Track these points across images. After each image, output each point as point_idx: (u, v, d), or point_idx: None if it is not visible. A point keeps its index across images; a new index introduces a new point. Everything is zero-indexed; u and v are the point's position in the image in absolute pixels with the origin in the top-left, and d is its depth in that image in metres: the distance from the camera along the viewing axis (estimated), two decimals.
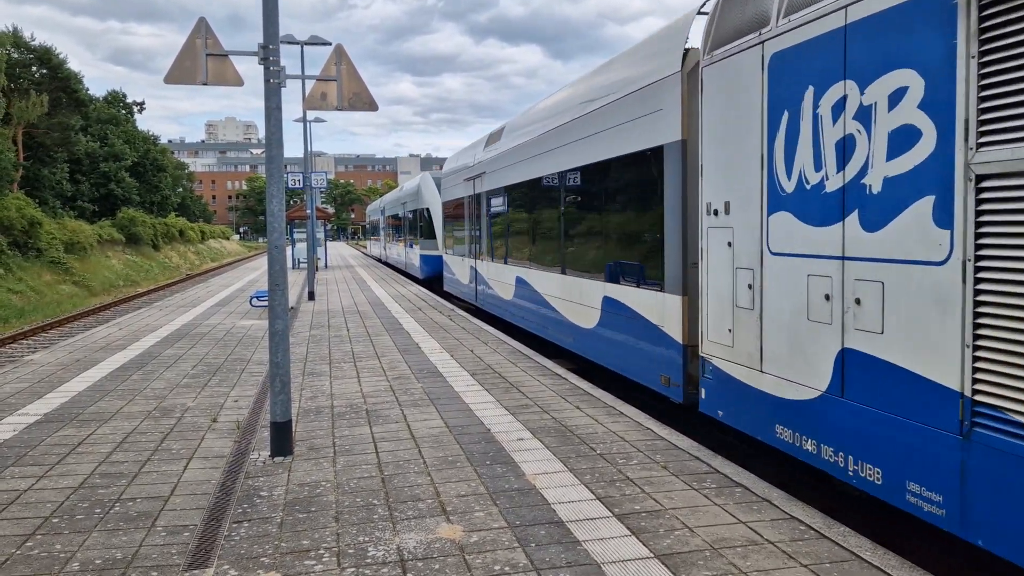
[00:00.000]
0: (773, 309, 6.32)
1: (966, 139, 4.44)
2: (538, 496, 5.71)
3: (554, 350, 13.26)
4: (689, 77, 7.95)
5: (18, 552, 4.83)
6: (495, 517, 5.31)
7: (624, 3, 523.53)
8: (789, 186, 6.06)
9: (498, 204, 16.58)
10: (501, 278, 16.42)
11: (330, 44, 6.80)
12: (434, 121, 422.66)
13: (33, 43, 51.72)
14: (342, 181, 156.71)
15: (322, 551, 4.80)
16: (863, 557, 4.61)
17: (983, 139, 4.35)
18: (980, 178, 4.37)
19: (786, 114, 6.09)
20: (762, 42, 6.40)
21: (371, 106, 7.38)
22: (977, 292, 4.41)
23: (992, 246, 4.31)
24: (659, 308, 8.60)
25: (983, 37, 4.31)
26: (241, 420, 8.15)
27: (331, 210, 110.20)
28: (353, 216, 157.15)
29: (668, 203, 8.35)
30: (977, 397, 4.40)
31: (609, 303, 10.14)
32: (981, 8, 4.31)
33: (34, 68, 52.20)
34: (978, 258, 4.38)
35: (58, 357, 12.50)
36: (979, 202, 4.37)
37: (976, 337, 4.41)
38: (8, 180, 41.28)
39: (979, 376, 4.40)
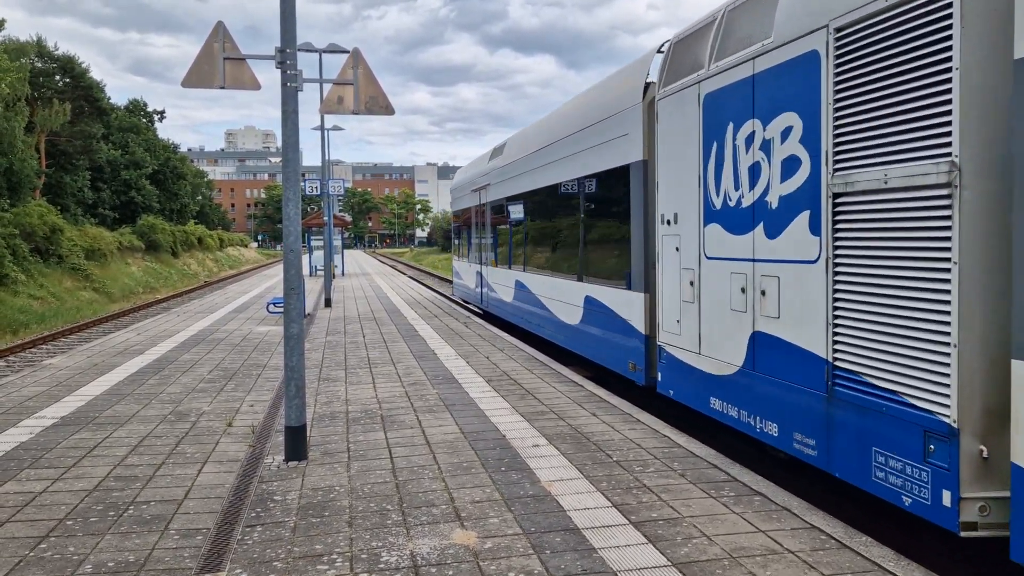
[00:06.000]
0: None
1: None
2: (553, 503, 5.64)
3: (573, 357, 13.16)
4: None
5: (31, 554, 4.82)
6: (510, 523, 5.24)
7: (637, 15, 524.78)
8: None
9: None
10: None
11: (347, 52, 6.82)
12: (449, 130, 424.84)
13: (56, 52, 52.40)
14: (359, 190, 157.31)
15: (335, 556, 4.75)
16: (886, 568, 4.50)
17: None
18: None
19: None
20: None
21: (387, 110, 7.36)
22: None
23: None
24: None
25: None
26: (256, 424, 8.13)
27: (348, 218, 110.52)
28: (371, 224, 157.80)
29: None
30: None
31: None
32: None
33: (57, 77, 52.88)
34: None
35: (76, 361, 12.57)
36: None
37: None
38: (31, 187, 41.79)
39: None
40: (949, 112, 4.59)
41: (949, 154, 4.60)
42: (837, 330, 5.59)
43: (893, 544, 5.70)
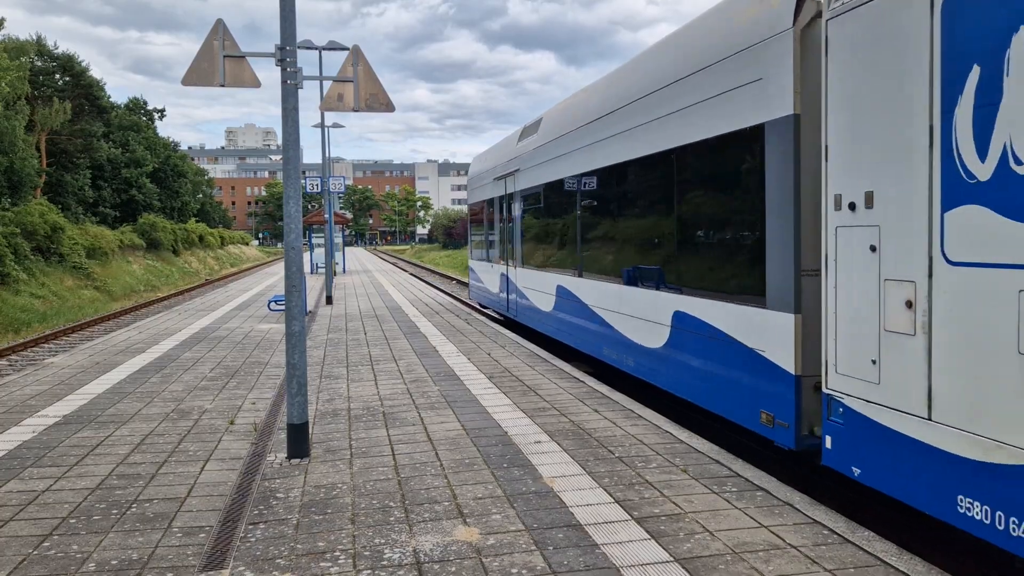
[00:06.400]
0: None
1: None
2: (556, 499, 5.65)
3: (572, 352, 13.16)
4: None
5: (35, 552, 4.83)
6: (512, 520, 5.25)
7: (637, 10, 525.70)
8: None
9: None
10: None
11: (347, 49, 6.84)
12: (450, 127, 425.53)
13: (56, 51, 52.41)
14: (360, 187, 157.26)
15: (338, 553, 4.76)
16: (888, 562, 4.51)
17: None
18: None
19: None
20: None
21: (388, 107, 7.35)
22: None
23: None
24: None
25: None
26: (258, 422, 8.14)
27: (349, 215, 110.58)
28: (372, 221, 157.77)
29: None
30: None
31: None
32: None
33: (57, 76, 52.89)
34: None
35: (78, 360, 12.58)
36: None
37: None
38: (32, 186, 41.79)
39: None
40: None
41: None
42: None
43: (895, 539, 5.71)
